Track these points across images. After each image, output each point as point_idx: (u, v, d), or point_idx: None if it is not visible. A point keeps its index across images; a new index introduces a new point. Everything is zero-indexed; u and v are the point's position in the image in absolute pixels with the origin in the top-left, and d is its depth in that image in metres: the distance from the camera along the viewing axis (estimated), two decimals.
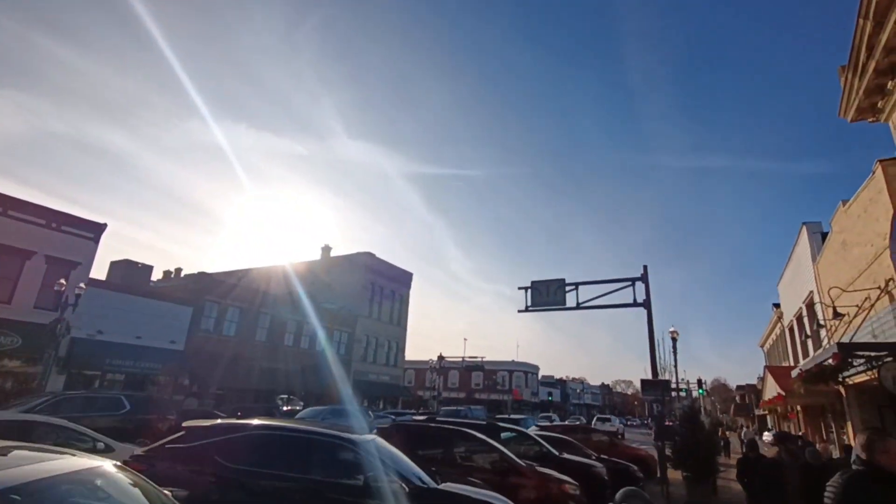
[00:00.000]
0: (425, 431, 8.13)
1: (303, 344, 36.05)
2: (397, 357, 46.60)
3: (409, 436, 7.86)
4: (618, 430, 40.19)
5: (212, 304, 29.93)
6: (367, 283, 43.72)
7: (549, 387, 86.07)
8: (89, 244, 24.02)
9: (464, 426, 9.49)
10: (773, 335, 28.40)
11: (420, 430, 8.09)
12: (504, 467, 7.64)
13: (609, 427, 43.64)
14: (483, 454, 7.93)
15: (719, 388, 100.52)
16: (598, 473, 9.85)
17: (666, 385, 14.64)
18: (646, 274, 16.82)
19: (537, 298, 18.13)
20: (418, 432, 8.05)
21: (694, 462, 11.77)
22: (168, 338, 26.95)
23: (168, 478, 5.14)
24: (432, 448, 7.82)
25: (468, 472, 7.42)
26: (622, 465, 12.70)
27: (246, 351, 31.55)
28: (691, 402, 12.78)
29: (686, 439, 11.92)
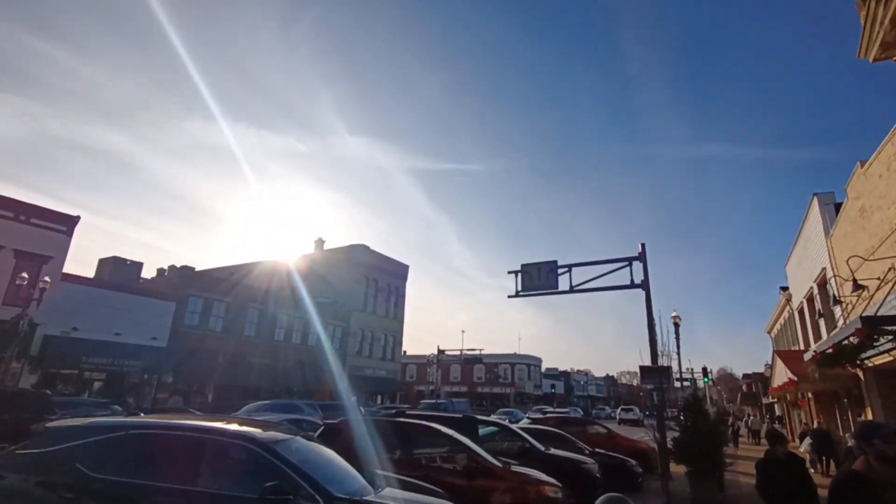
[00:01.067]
0: (383, 428, 7.00)
1: (295, 339, 35.05)
2: (394, 351, 45.58)
3: (361, 434, 6.74)
4: (639, 418, 42.35)
5: (196, 298, 28.90)
6: (362, 277, 42.64)
7: (552, 379, 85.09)
8: (62, 237, 22.97)
9: (434, 421, 8.38)
10: (782, 320, 27.15)
11: (377, 426, 6.97)
12: (473, 468, 6.51)
13: (632, 416, 43.32)
14: (450, 453, 6.79)
15: (725, 378, 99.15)
16: (588, 470, 8.72)
17: (666, 371, 13.44)
18: (643, 253, 15.59)
19: (528, 282, 16.93)
20: (374, 430, 6.92)
21: (698, 455, 10.61)
22: (149, 334, 25.94)
23: (16, 491, 4.04)
24: (391, 447, 6.69)
25: (431, 474, 6.30)
26: (618, 459, 11.59)
27: (235, 347, 30.56)
28: (694, 390, 11.54)
29: (689, 430, 10.76)
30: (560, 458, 8.83)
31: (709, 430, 11.22)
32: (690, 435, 10.89)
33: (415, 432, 6.96)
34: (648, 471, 12.68)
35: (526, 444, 8.85)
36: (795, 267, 21.17)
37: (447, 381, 75.27)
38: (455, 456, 6.77)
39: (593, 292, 16.26)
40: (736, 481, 12.82)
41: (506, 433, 9.25)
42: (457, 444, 6.82)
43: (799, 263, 20.27)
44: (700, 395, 11.58)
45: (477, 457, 6.75)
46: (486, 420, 9.43)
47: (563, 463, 8.69)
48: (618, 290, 14.70)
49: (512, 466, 7.00)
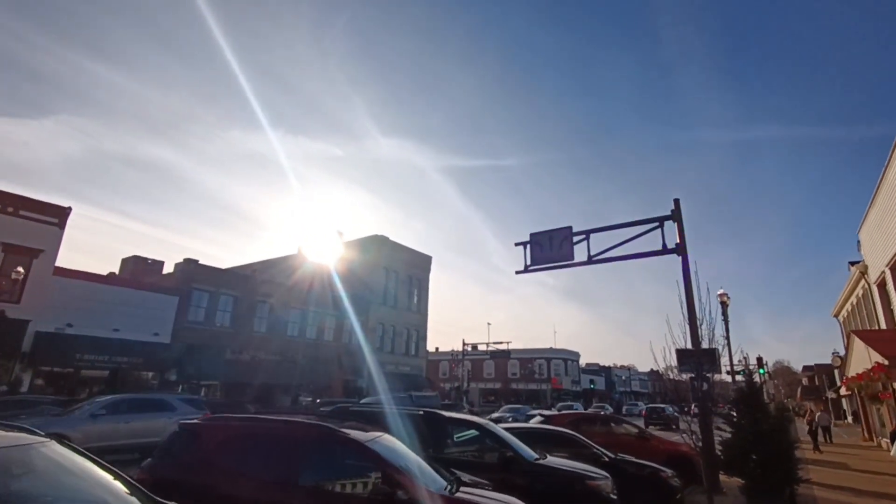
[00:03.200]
0: (268, 431, 4.68)
1: (309, 334, 33.45)
2: (418, 346, 43.48)
3: (228, 438, 4.46)
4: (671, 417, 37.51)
5: (201, 292, 27.67)
6: (381, 269, 40.74)
7: (591, 374, 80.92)
8: (53, 230, 22.02)
9: (371, 420, 6.05)
10: (854, 298, 23.16)
11: (258, 429, 4.65)
12: (384, 495, 4.09)
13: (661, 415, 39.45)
14: (353, 468, 4.41)
15: (783, 371, 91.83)
16: (595, 489, 6.13)
17: (710, 355, 10.56)
18: (678, 210, 12.68)
19: (539, 254, 14.34)
20: (254, 433, 4.61)
21: (758, 463, 7.79)
22: (150, 329, 24.80)
23: None
24: (251, 459, 4.39)
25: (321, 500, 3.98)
26: (649, 469, 8.84)
27: (243, 343, 29.24)
28: (749, 377, 8.63)
29: (744, 430, 7.94)
30: (555, 472, 6.29)
31: (772, 428, 8.33)
32: (747, 436, 8.06)
33: (306, 438, 4.57)
34: (693, 483, 9.85)
35: (508, 451, 6.34)
36: (873, 230, 17.49)
37: (480, 377, 72.70)
38: (366, 474, 4.36)
39: (618, 263, 13.44)
40: (811, 497, 9.78)
41: (484, 437, 6.76)
42: (369, 456, 4.41)
43: (878, 226, 16.63)
44: (757, 385, 8.68)
45: (394, 477, 4.31)
46: (458, 418, 6.97)
47: (558, 478, 6.15)
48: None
49: (459, 489, 4.52)
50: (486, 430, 6.75)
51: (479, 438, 6.82)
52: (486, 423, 6.88)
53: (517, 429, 9.12)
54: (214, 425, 4.74)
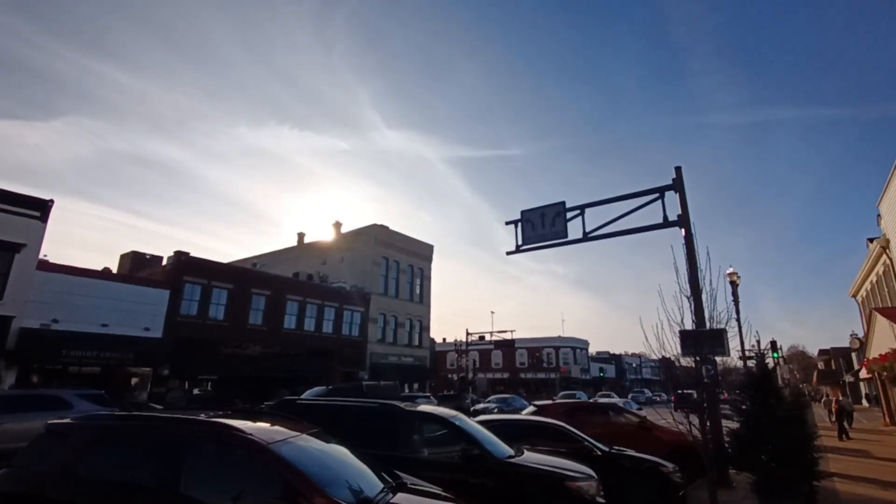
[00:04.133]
0: (145, 432, 3.78)
1: (307, 327, 32.75)
2: (421, 337, 42.71)
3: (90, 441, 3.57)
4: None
5: (193, 285, 27.01)
6: (381, 258, 39.89)
7: (601, 363, 79.80)
8: (35, 223, 21.35)
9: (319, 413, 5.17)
10: (874, 276, 21.85)
11: (134, 427, 3.77)
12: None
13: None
14: (249, 474, 3.50)
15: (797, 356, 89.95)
16: (575, 491, 5.18)
17: (717, 336, 9.52)
18: (680, 179, 11.60)
19: (530, 233, 13.35)
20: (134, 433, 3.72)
21: (772, 456, 6.80)
22: (141, 324, 24.19)
23: None
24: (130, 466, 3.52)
25: None
26: (648, 463, 7.91)
27: (238, 336, 28.60)
28: (761, 360, 7.57)
29: (755, 419, 6.93)
30: (528, 471, 5.35)
31: (787, 416, 7.31)
32: (758, 426, 7.06)
33: (193, 438, 3.66)
34: (700, 477, 8.88)
35: (474, 449, 5.41)
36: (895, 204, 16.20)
37: (488, 367, 72.01)
38: (261, 480, 3.45)
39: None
40: (832, 491, 8.75)
41: (448, 432, 5.83)
42: (267, 459, 3.50)
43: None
44: (769, 368, 7.62)
45: (303, 483, 3.40)
46: (418, 412, 6.04)
47: (532, 478, 5.22)
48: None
49: (395, 496, 3.60)
50: (450, 424, 5.82)
51: (444, 434, 5.90)
52: (450, 417, 5.95)
53: (498, 421, 8.22)
54: (87, 426, 3.86)
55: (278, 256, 46.86)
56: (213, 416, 4.02)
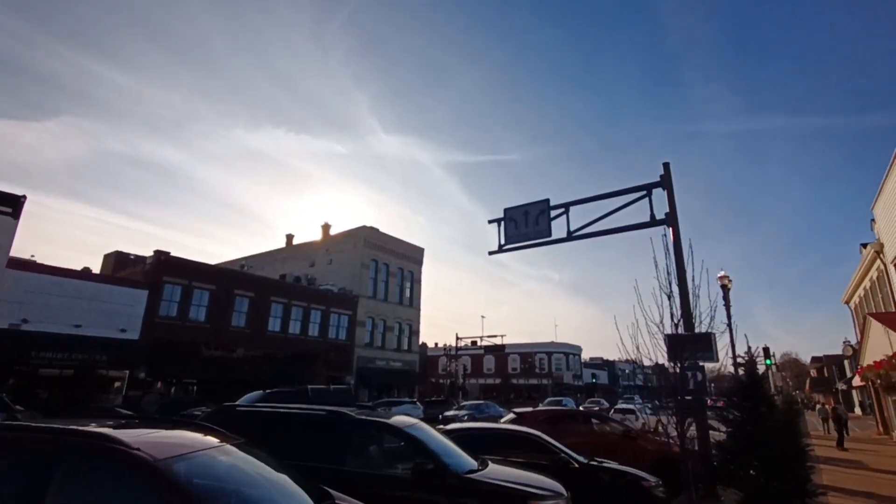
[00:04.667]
0: None
1: (292, 329, 32.02)
2: (411, 341, 42.02)
3: None
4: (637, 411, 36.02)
5: (174, 286, 26.27)
6: (370, 261, 39.23)
7: (594, 369, 79.26)
8: (6, 220, 20.61)
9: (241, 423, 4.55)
10: (867, 282, 21.44)
11: None
12: None
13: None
14: (132, 495, 2.91)
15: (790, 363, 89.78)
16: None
17: (705, 341, 9.01)
18: (668, 176, 11.09)
19: (513, 232, 12.80)
20: None
21: (763, 470, 6.24)
22: (117, 325, 23.42)
23: None
24: None
25: None
26: (629, 476, 7.33)
27: (220, 339, 27.85)
28: (751, 365, 7.00)
29: (744, 429, 6.37)
30: (486, 488, 4.75)
31: (777, 426, 6.76)
32: (746, 436, 6.50)
33: (65, 454, 3.04)
34: (680, 492, 8.31)
35: (428, 462, 4.81)
36: (892, 204, 15.78)
37: (480, 373, 71.30)
38: None
39: (601, 237, 11.82)
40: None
41: (402, 444, 5.23)
42: (155, 479, 2.90)
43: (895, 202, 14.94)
44: (760, 374, 7.06)
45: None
46: (370, 421, 5.43)
47: (489, 496, 4.62)
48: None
49: None
50: (404, 434, 5.21)
51: (398, 446, 5.30)
52: (405, 426, 5.35)
53: (469, 431, 7.62)
54: None
55: (266, 258, 46.14)
56: (100, 424, 3.41)
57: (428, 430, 5.74)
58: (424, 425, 5.97)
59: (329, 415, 5.39)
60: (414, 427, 5.47)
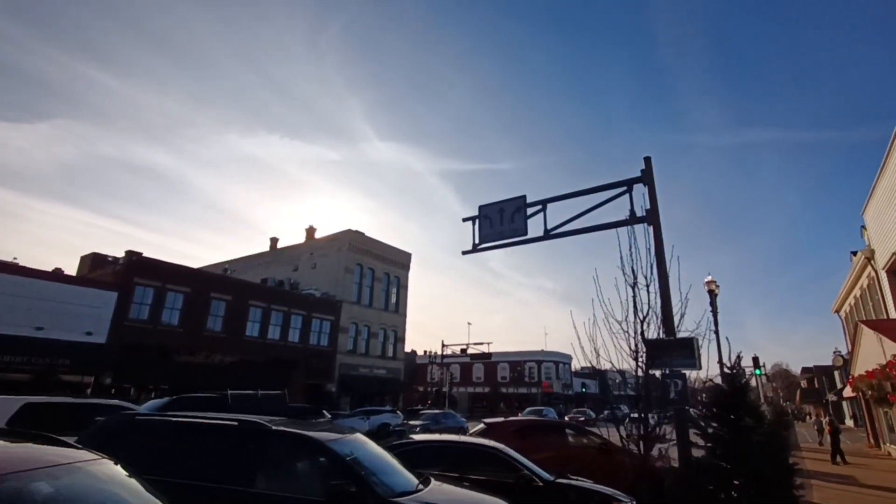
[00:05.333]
0: None
1: (271, 334, 31.03)
2: (396, 348, 41.07)
3: None
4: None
5: (145, 288, 25.28)
6: (354, 266, 38.37)
7: (585, 378, 78.41)
8: None
9: None
10: (857, 290, 20.94)
11: None
12: None
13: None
14: None
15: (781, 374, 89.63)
16: None
17: (687, 346, 8.30)
18: (649, 171, 10.43)
19: (488, 231, 12.08)
20: None
21: (741, 492, 5.52)
22: (82, 328, 22.40)
23: None
24: None
25: None
26: (600, 496, 6.61)
27: (195, 343, 26.85)
28: (734, 368, 6.25)
29: (722, 445, 5.65)
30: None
31: (764, 441, 6.05)
32: (727, 453, 5.78)
33: None
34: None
35: (350, 484, 4.04)
36: (882, 209, 15.28)
37: (469, 381, 70.32)
38: None
39: (580, 236, 11.17)
40: None
41: (325, 460, 4.45)
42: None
43: (889, 199, 14.43)
44: (744, 381, 6.31)
45: None
46: (289, 433, 4.62)
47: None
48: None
49: None
50: (326, 450, 4.43)
51: (321, 463, 4.52)
52: (328, 440, 4.57)
53: (419, 445, 6.84)
54: None
55: (250, 262, 45.11)
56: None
57: (363, 445, 4.96)
58: (362, 439, 5.19)
59: (240, 426, 4.60)
60: (341, 441, 4.68)
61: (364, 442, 5.12)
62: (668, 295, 9.01)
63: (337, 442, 4.62)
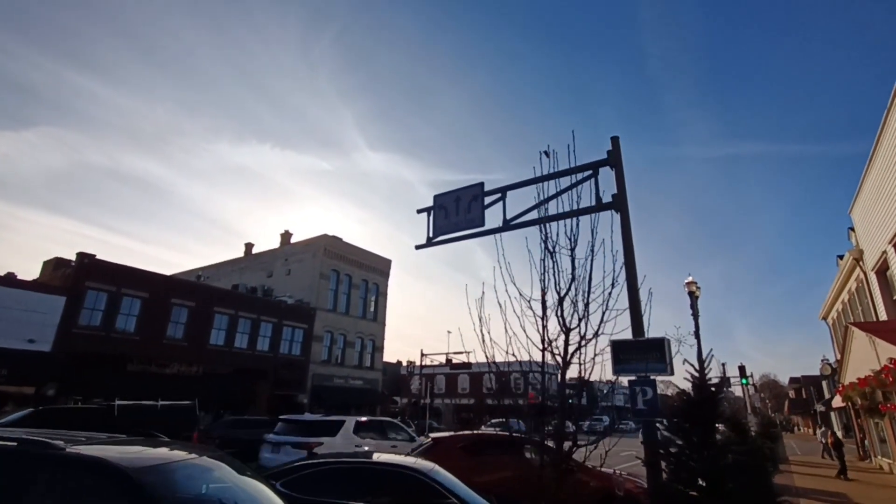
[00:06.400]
0: None
1: (238, 343, 29.45)
2: (373, 357, 39.56)
3: None
4: None
5: (98, 292, 23.71)
6: (329, 272, 36.99)
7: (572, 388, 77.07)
8: None
9: None
10: (846, 294, 20.04)
11: None
12: None
13: None
14: None
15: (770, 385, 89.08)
16: None
17: (657, 347, 7.16)
18: (617, 152, 9.35)
19: (443, 222, 10.93)
20: None
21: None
22: (24, 335, 20.77)
23: None
24: None
25: None
26: None
27: (153, 352, 25.23)
28: (700, 379, 5.03)
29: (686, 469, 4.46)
30: None
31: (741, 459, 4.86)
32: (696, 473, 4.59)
33: None
34: None
35: None
36: (870, 206, 14.38)
37: (454, 393, 68.63)
38: None
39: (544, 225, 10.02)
40: None
41: (126, 499, 3.18)
42: None
43: (875, 202, 13.52)
44: (715, 387, 5.07)
45: None
46: (80, 459, 3.31)
47: None
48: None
49: None
50: (131, 484, 3.16)
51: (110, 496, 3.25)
52: (135, 468, 3.30)
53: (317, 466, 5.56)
54: None
55: (224, 268, 43.55)
56: None
57: (206, 473, 3.70)
58: (211, 464, 3.92)
59: (19, 446, 3.33)
60: (164, 469, 3.42)
61: (213, 468, 3.85)
62: (636, 288, 7.91)
63: (156, 470, 3.34)
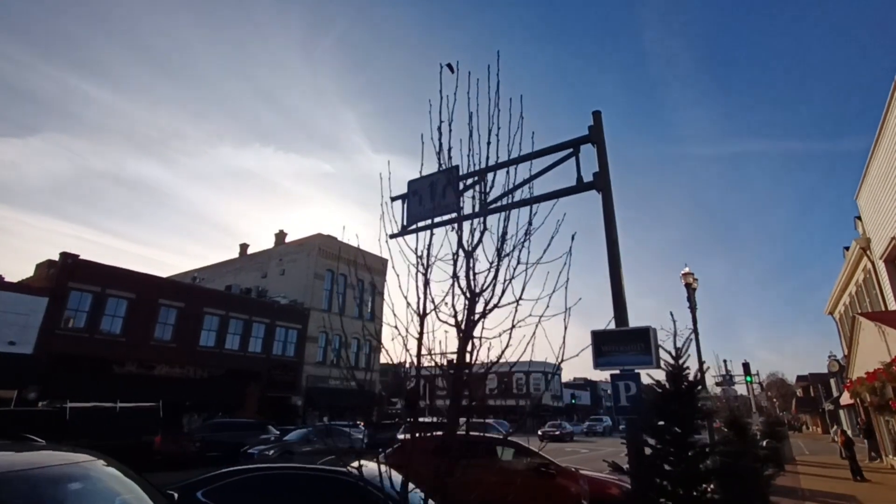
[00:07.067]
0: None
1: (229, 344, 28.89)
2: (370, 358, 38.84)
3: None
4: None
5: (82, 293, 23.21)
6: (324, 271, 36.41)
7: (576, 389, 76.20)
8: None
9: None
10: (853, 286, 19.20)
11: None
12: None
13: None
14: None
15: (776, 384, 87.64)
16: None
17: (641, 337, 6.43)
18: (599, 128, 8.64)
19: (416, 209, 10.19)
20: None
21: None
22: (5, 337, 20.29)
23: None
24: None
25: None
26: None
27: (140, 355, 24.69)
28: (677, 369, 4.30)
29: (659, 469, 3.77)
30: None
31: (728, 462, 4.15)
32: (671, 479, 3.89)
33: None
34: None
35: None
36: (877, 189, 13.58)
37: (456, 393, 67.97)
38: None
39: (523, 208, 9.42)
40: None
41: None
42: None
43: (885, 181, 12.73)
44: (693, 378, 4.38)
45: None
46: None
47: None
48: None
49: None
50: None
51: None
52: None
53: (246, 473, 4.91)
54: None
55: (220, 269, 43.06)
56: None
57: (38, 481, 3.03)
58: (89, 473, 3.26)
59: None
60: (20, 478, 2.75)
61: (79, 474, 3.19)
62: (620, 275, 7.27)
63: None
